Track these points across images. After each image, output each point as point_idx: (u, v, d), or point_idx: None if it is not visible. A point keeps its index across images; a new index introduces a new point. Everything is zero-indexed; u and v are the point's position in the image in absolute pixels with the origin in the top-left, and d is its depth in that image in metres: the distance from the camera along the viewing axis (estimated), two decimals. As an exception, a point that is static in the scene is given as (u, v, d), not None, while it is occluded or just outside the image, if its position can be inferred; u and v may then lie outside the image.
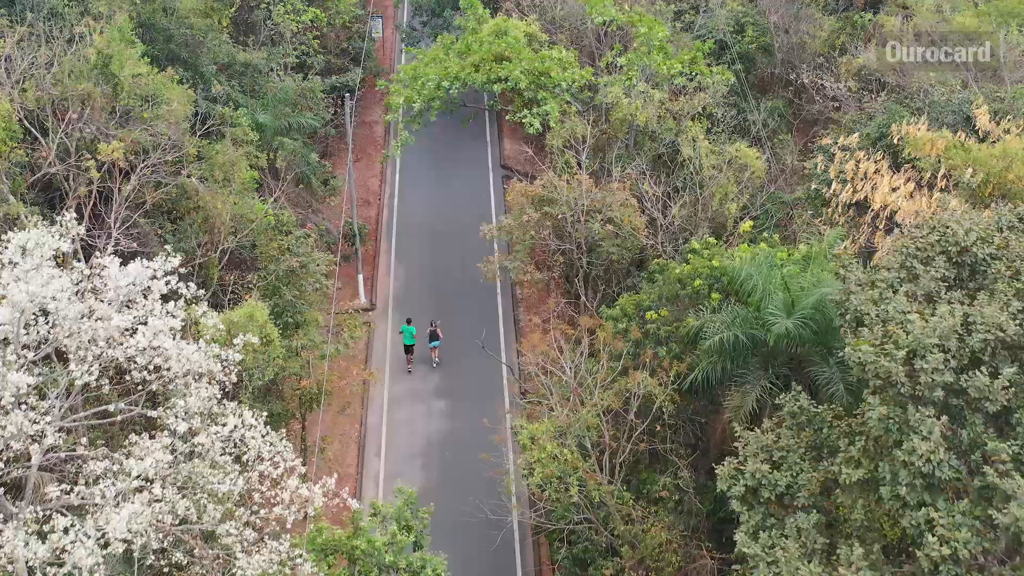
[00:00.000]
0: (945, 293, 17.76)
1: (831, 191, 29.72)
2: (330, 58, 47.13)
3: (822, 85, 44.54)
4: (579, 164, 33.50)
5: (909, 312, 16.71)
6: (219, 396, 18.15)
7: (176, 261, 18.16)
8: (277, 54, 38.91)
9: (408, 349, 37.24)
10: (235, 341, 19.06)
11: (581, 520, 25.58)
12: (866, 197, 29.04)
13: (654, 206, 31.34)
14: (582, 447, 24.44)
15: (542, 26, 41.01)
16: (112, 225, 24.49)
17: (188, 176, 27.00)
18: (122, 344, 17.04)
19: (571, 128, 34.09)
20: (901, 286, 17.75)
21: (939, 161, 28.77)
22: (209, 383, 18.55)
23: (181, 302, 17.97)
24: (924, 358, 15.89)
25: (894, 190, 28.18)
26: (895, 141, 29.59)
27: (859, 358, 16.45)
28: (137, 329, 17.58)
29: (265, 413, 18.70)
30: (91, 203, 25.29)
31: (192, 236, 26.88)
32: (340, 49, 48.28)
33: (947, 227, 18.53)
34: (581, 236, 31.54)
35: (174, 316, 17.60)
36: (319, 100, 38.76)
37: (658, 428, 24.74)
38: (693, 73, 38.25)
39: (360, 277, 41.49)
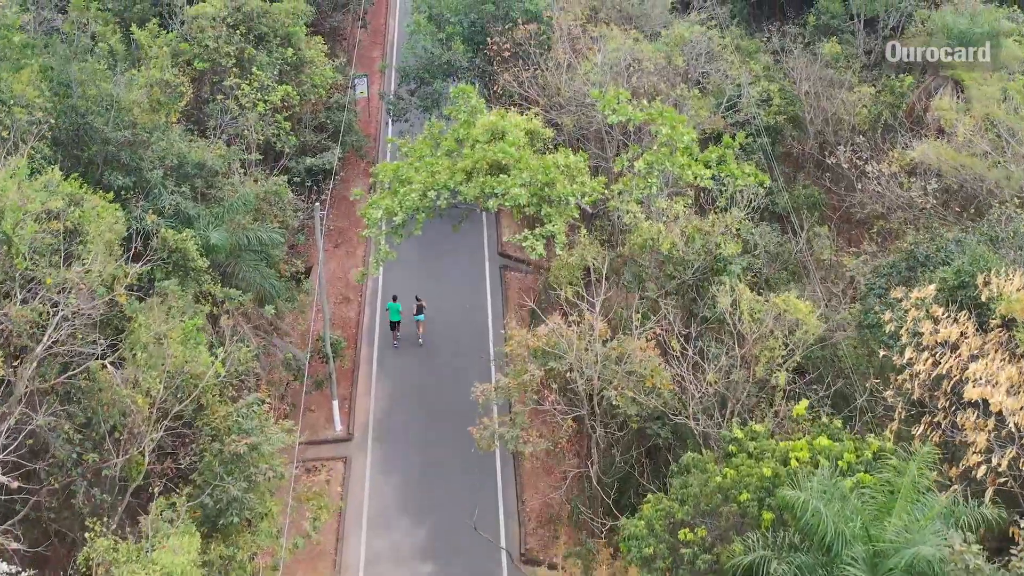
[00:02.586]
0: None
1: (904, 359, 24.16)
2: (305, 134, 41.49)
3: (864, 172, 39.05)
4: (589, 293, 27.84)
5: None
6: None
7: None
8: (236, 151, 33.20)
9: (394, 325, 38.47)
10: None
11: None
12: (948, 369, 23.51)
13: (681, 365, 25.77)
14: None
15: (544, 114, 35.42)
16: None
17: (101, 358, 21.39)
18: None
19: (580, 255, 28.51)
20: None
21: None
22: None
23: None
24: None
25: (985, 369, 22.65)
26: (981, 297, 24.06)
27: None
28: None
29: None
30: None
31: (106, 435, 21.30)
32: (316, 124, 42.58)
33: None
34: (594, 396, 26.08)
35: None
36: (286, 206, 33.05)
37: None
38: (723, 175, 32.66)
39: (335, 403, 35.92)
